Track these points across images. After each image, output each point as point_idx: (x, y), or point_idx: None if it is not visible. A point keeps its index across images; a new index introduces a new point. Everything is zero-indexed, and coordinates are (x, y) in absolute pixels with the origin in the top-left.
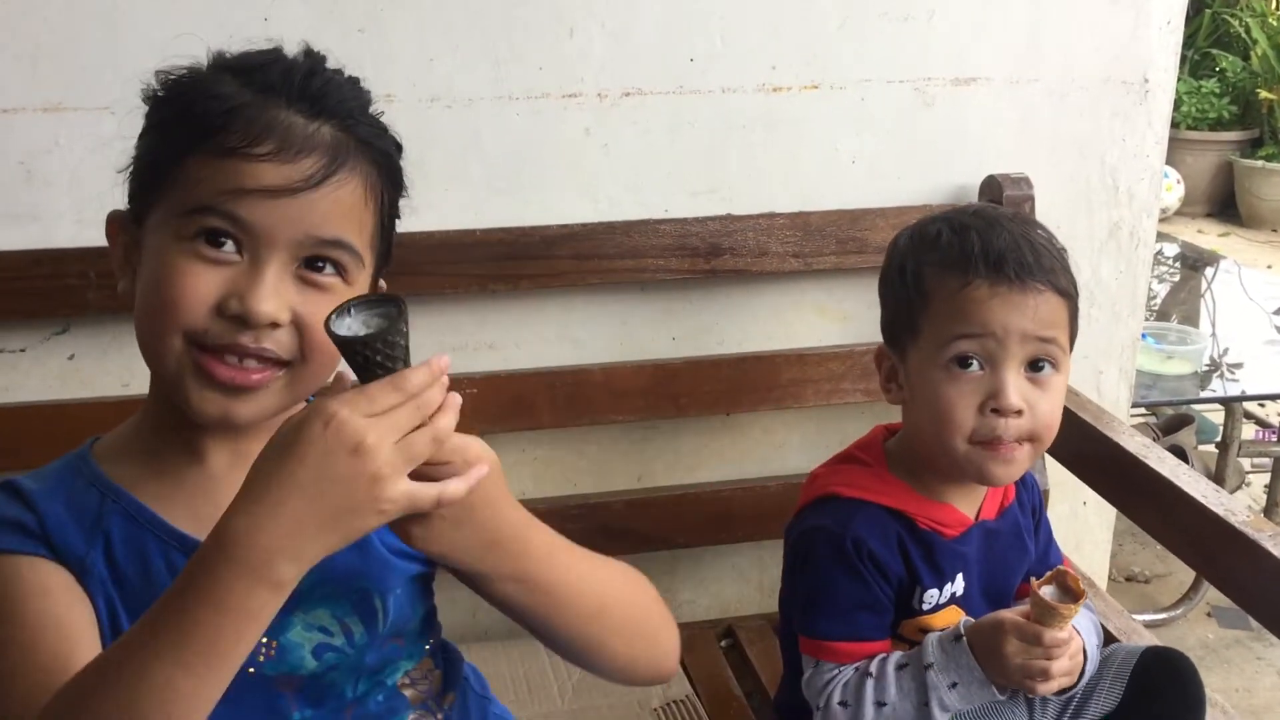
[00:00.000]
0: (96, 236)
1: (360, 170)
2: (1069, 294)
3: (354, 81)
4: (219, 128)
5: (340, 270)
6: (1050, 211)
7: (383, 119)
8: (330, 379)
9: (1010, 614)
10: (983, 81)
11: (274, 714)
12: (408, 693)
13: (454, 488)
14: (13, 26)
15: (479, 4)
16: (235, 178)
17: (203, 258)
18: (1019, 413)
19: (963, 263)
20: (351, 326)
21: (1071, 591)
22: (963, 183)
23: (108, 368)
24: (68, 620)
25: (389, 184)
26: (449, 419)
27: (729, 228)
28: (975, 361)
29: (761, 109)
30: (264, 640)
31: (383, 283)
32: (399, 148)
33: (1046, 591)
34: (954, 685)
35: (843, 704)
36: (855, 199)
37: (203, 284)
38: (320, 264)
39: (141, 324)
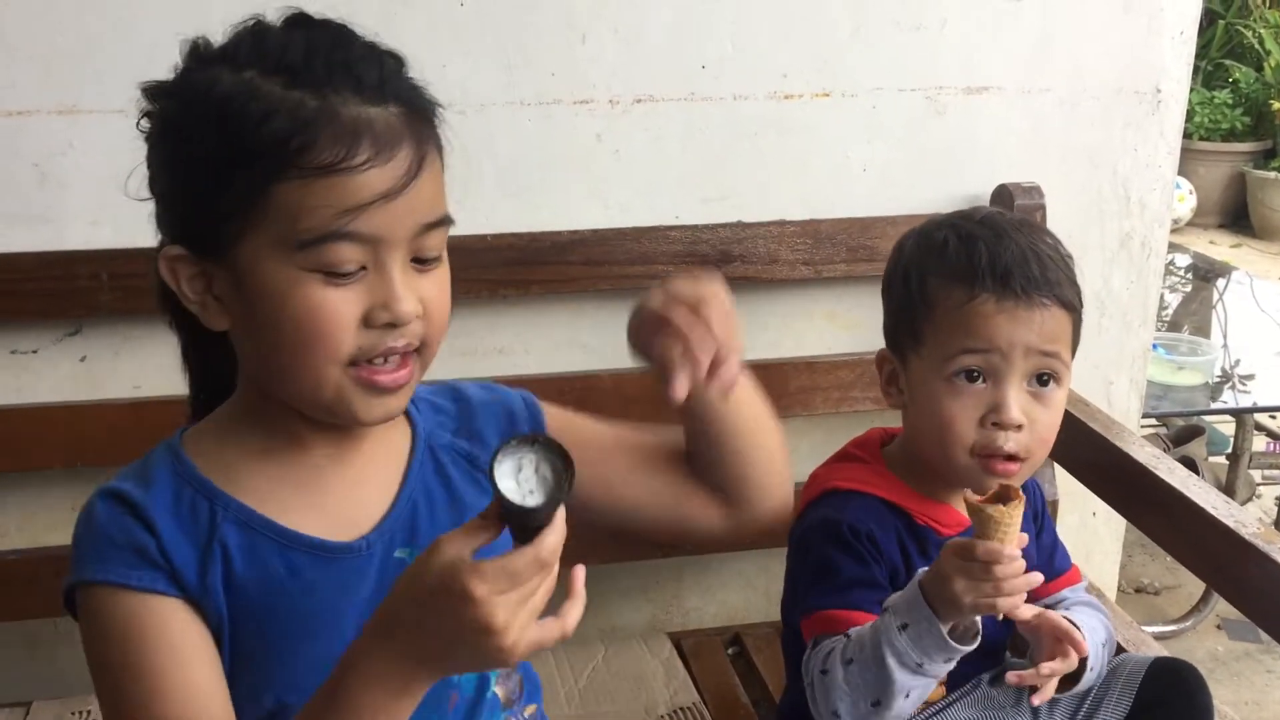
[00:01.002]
0: (109, 238)
1: (433, 140)
2: (1074, 307)
3: (374, 46)
4: (304, 147)
5: (443, 239)
6: (1061, 221)
7: None
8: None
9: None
10: (994, 90)
11: None
12: (499, 691)
13: (572, 619)
14: (27, 29)
15: (491, 10)
16: (345, 195)
17: (336, 285)
18: (1019, 427)
19: (969, 275)
20: (522, 481)
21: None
22: (974, 192)
23: (119, 369)
24: (190, 651)
25: (440, 139)
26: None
27: (739, 235)
28: (978, 375)
29: (773, 116)
30: None
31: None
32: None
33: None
34: (904, 627)
35: (823, 671)
36: (866, 207)
37: (345, 311)
38: (430, 252)
39: (280, 361)
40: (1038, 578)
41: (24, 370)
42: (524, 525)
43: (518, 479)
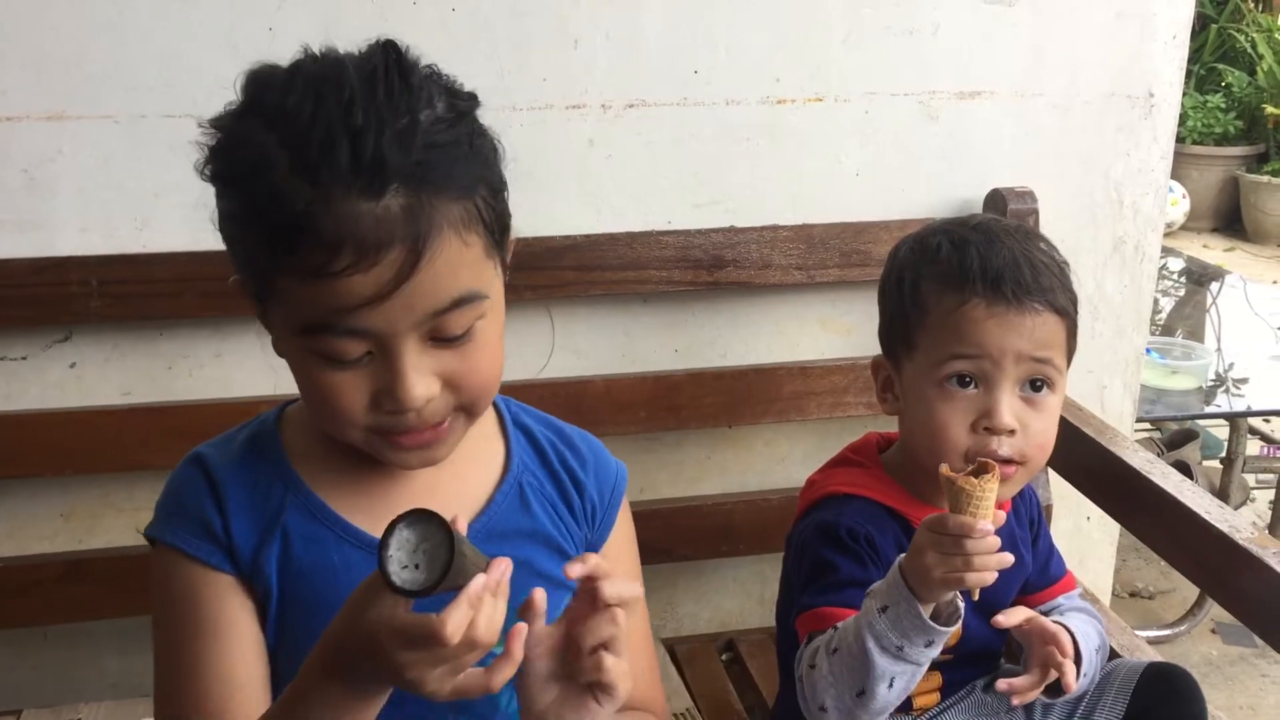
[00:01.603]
0: (99, 244)
1: (447, 219)
2: (1067, 313)
3: (404, 122)
4: (292, 247)
5: (470, 316)
6: (1054, 225)
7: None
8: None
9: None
10: (987, 95)
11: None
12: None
13: (498, 679)
14: (17, 35)
15: (483, 15)
16: (330, 298)
17: (340, 368)
18: (1012, 432)
19: (960, 280)
20: (415, 557)
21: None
22: (967, 196)
23: (109, 376)
24: (234, 636)
25: (485, 191)
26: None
27: (732, 240)
28: (970, 380)
29: (765, 121)
30: None
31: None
32: (483, 134)
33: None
34: (883, 609)
35: (811, 666)
36: (859, 212)
37: (352, 391)
38: (454, 330)
39: (311, 413)
40: (1009, 558)
41: (13, 377)
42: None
43: (411, 555)
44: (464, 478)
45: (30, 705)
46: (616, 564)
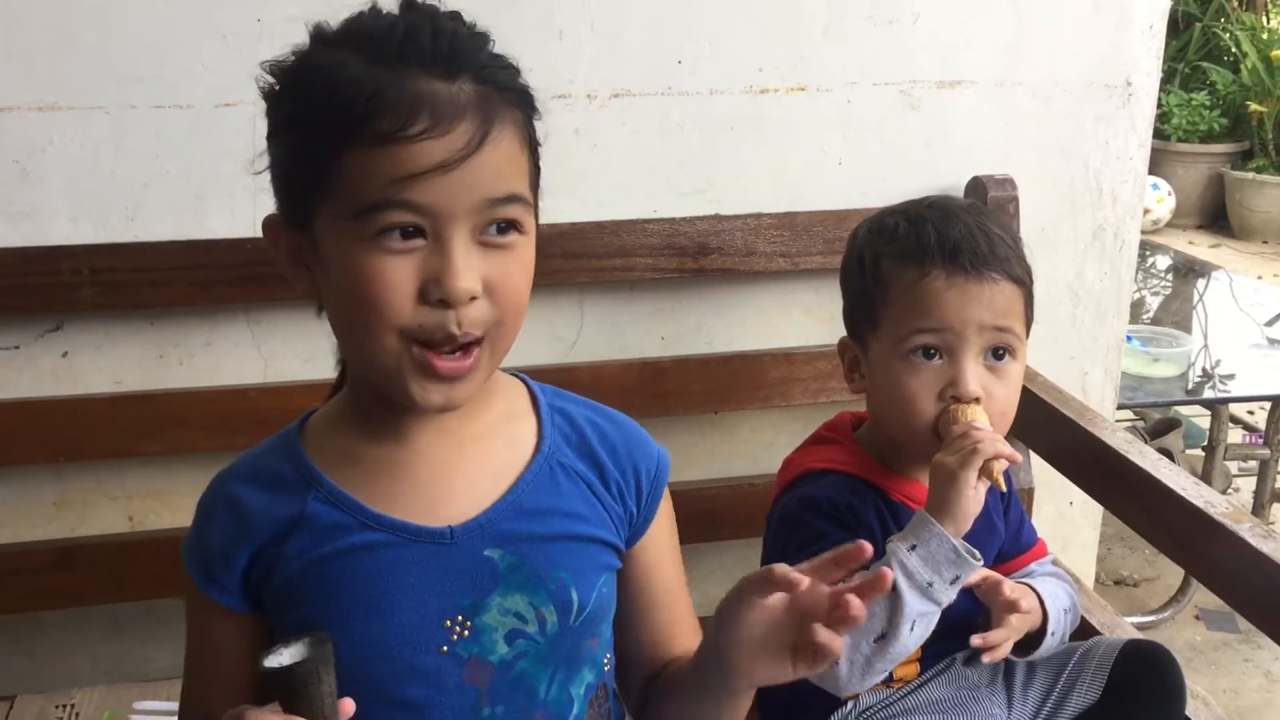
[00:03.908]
0: (90, 234)
1: (510, 117)
2: (1023, 282)
3: (472, 28)
4: (366, 116)
5: (517, 226)
6: (1035, 213)
7: None
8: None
9: None
10: (967, 84)
11: (467, 714)
12: (590, 713)
13: None
14: (7, 26)
15: (467, 6)
16: (399, 165)
17: (391, 251)
18: (977, 399)
19: (919, 254)
20: (281, 659)
21: None
22: (948, 184)
23: (100, 365)
24: (227, 660)
25: (530, 122)
26: None
27: (717, 228)
28: (935, 352)
29: (749, 110)
30: (460, 619)
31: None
32: (529, 89)
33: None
34: (913, 547)
35: None
36: (841, 200)
37: (399, 276)
38: (502, 226)
39: (344, 327)
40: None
41: (5, 366)
42: (293, 692)
43: (282, 653)
44: (489, 457)
45: (23, 691)
46: (661, 547)
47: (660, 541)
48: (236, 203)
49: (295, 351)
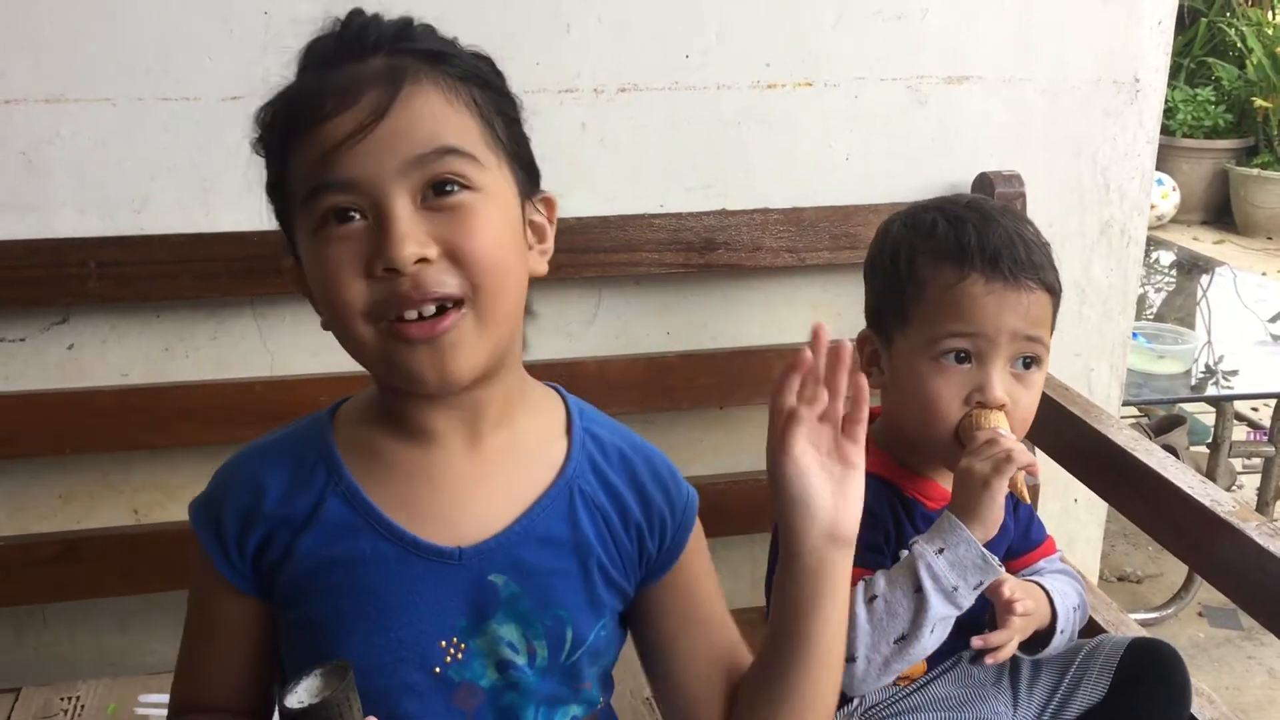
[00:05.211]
0: (96, 226)
1: (427, 78)
2: (1055, 290)
3: (404, 20)
4: (291, 115)
5: (462, 182)
6: (1042, 209)
7: None
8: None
9: None
10: (975, 80)
11: None
12: None
13: None
14: (15, 18)
15: (474, 1)
16: (319, 145)
17: (335, 237)
18: (1003, 406)
19: (959, 255)
20: (301, 697)
21: None
22: (955, 180)
23: (106, 357)
24: (227, 637)
25: (477, 85)
26: None
27: (723, 223)
28: (965, 356)
29: (756, 105)
30: (454, 640)
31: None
32: (482, 60)
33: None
34: (940, 551)
35: None
36: (848, 195)
37: (345, 258)
38: (444, 186)
39: (332, 330)
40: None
41: (11, 358)
42: None
43: (301, 698)
44: (512, 474)
45: (29, 684)
46: (694, 580)
47: (695, 565)
48: (243, 196)
49: (301, 345)
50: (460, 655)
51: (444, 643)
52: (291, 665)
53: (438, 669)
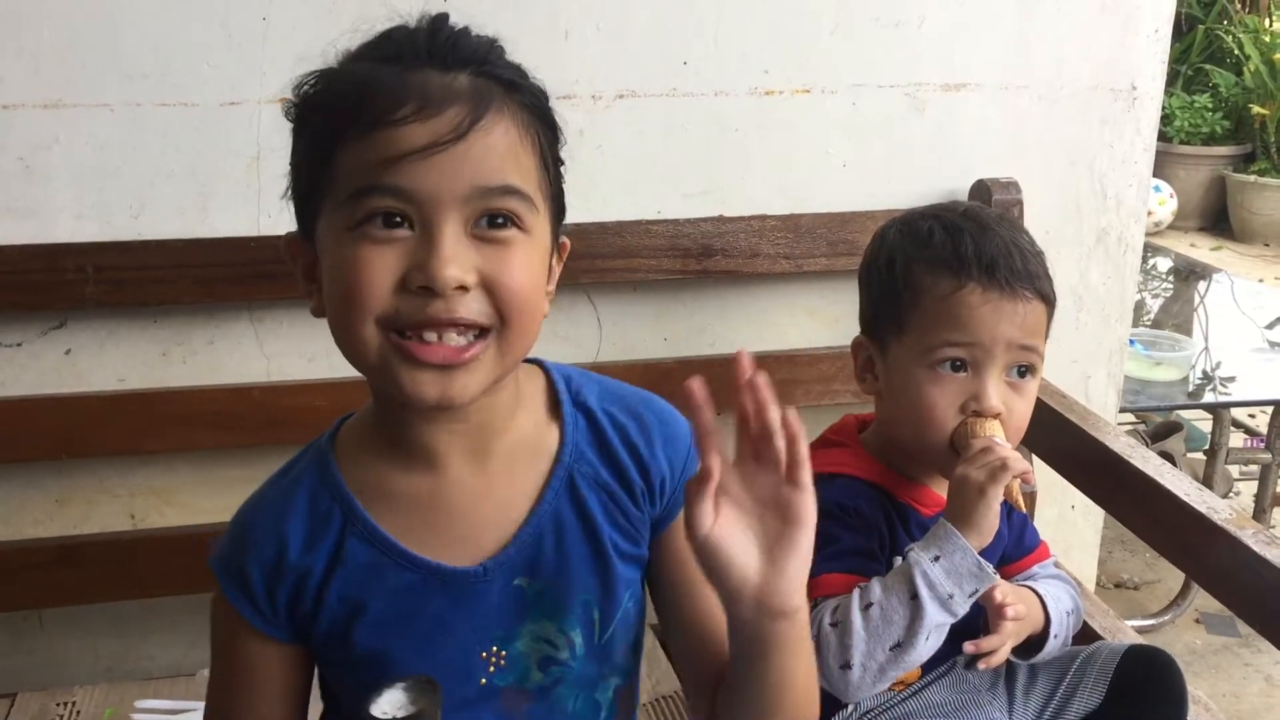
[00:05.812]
0: (94, 232)
1: (508, 111)
2: (1051, 300)
3: (485, 37)
4: (357, 106)
5: (515, 221)
6: (1039, 217)
7: None
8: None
9: None
10: (973, 87)
11: None
12: (619, 711)
13: None
14: (14, 23)
15: (474, 6)
16: (385, 148)
17: (375, 239)
18: (998, 415)
19: (956, 265)
20: (384, 709)
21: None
22: (952, 187)
23: (104, 362)
24: (258, 684)
25: (542, 124)
26: None
27: (721, 229)
28: (961, 365)
29: (754, 112)
30: (495, 650)
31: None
32: (544, 93)
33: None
34: (936, 558)
35: (833, 624)
36: (846, 202)
37: (380, 263)
38: (497, 219)
39: (334, 326)
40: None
41: (8, 363)
42: None
43: (387, 710)
44: (516, 474)
45: (25, 689)
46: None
47: None
48: (241, 201)
49: (298, 350)
50: (503, 662)
51: (485, 654)
52: (347, 698)
53: (483, 680)
